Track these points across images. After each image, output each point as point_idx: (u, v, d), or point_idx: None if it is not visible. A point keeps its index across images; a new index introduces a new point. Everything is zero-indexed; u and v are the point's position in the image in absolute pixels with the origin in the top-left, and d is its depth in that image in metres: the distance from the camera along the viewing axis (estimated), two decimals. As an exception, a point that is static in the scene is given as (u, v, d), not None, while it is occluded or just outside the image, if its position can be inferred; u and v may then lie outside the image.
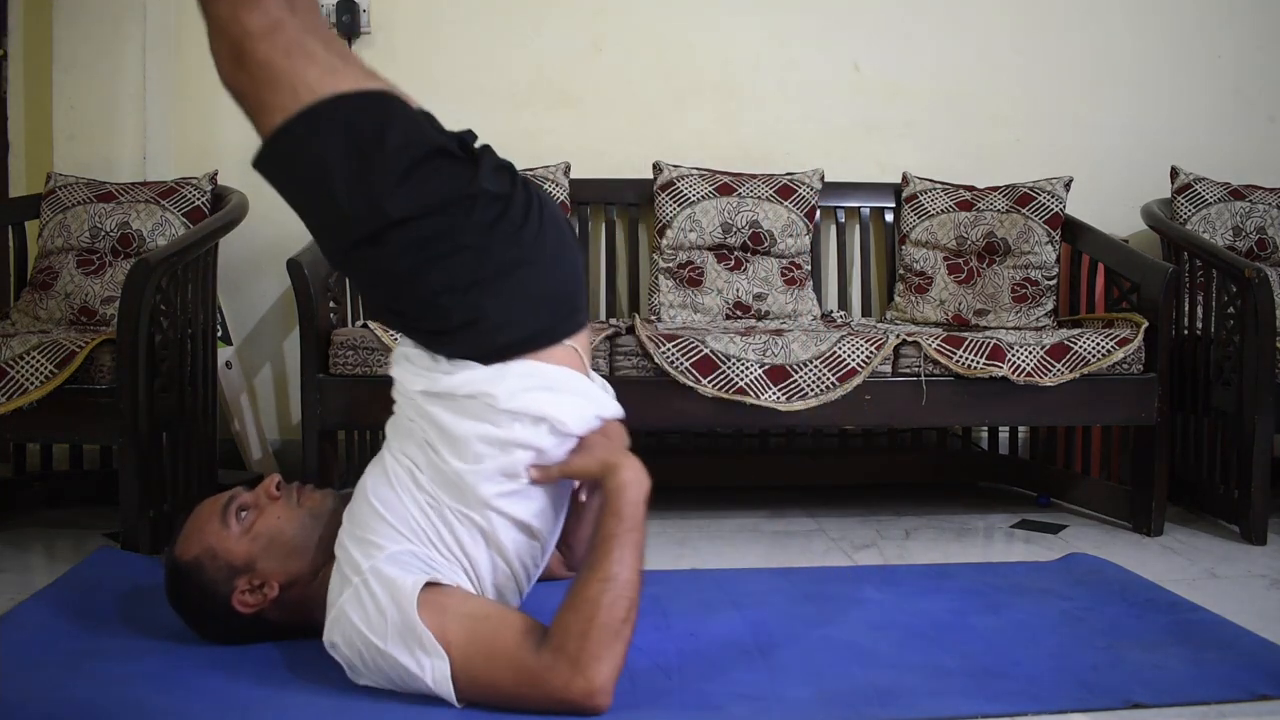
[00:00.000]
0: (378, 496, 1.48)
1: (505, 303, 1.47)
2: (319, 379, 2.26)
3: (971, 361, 2.33)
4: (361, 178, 1.41)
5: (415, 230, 1.43)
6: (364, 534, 1.46)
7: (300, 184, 1.48)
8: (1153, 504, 2.44)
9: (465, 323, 1.47)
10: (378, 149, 1.42)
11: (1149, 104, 3.20)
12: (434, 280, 1.45)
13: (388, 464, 1.51)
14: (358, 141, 1.42)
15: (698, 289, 2.81)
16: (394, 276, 1.46)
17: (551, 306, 1.52)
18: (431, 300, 1.46)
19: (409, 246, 1.44)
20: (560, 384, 1.51)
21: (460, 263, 1.45)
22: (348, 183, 1.41)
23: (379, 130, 1.42)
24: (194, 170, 2.87)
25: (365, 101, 1.45)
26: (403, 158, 1.42)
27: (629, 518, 1.43)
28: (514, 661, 1.35)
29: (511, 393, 1.46)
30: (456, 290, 1.46)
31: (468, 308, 1.46)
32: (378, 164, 1.41)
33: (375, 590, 1.39)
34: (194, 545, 1.56)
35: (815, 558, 2.28)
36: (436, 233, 1.44)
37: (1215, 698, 1.47)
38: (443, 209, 1.44)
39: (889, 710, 1.43)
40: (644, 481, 1.47)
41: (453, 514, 1.46)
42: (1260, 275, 2.39)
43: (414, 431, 1.51)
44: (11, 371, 2.13)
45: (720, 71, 3.11)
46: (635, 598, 1.39)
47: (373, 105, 1.45)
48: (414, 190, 1.42)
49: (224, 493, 1.62)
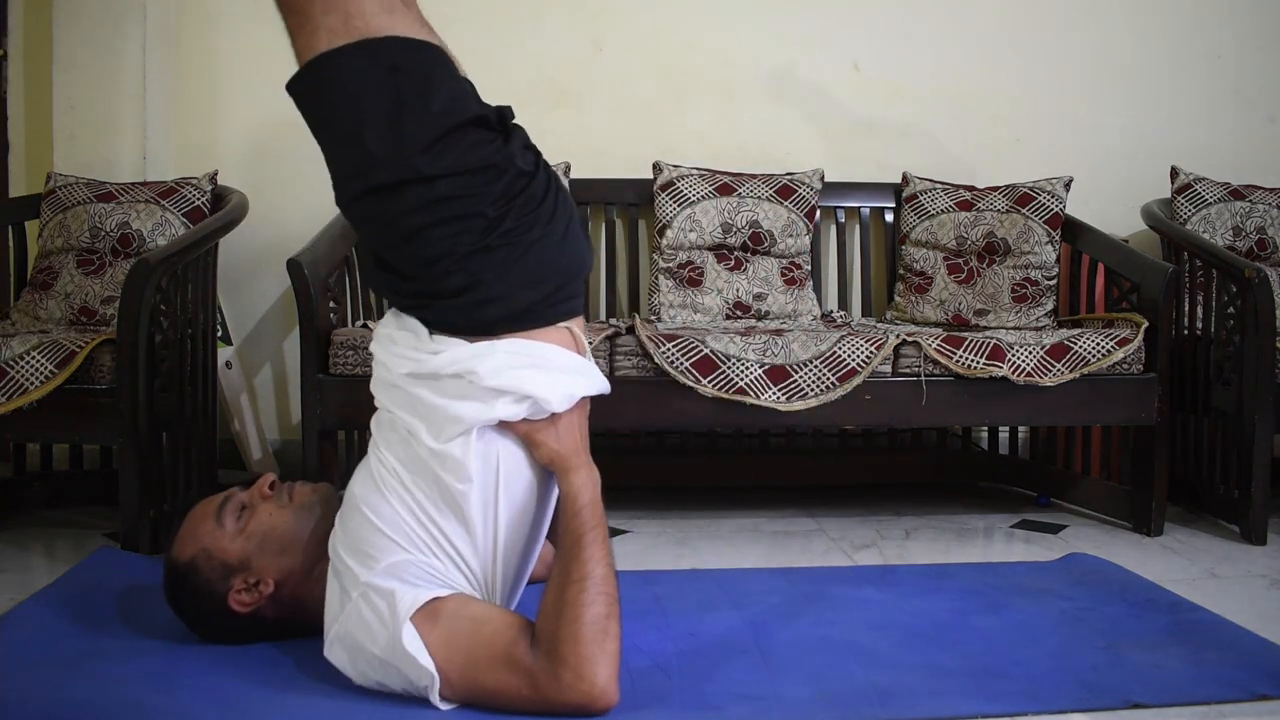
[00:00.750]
0: (368, 505, 1.47)
1: (504, 275, 1.46)
2: (319, 379, 2.26)
3: (971, 361, 2.33)
4: (397, 128, 1.40)
5: (435, 189, 1.42)
6: (359, 545, 1.45)
7: (333, 115, 1.46)
8: (1153, 504, 2.44)
9: (460, 289, 1.46)
10: (421, 106, 1.41)
11: (1149, 104, 3.20)
12: (440, 241, 1.44)
13: (373, 468, 1.51)
14: (402, 91, 1.41)
15: (698, 289, 2.81)
16: (402, 230, 1.45)
17: (549, 286, 1.51)
18: (433, 260, 1.45)
19: (425, 203, 1.42)
20: (547, 360, 1.50)
21: (470, 228, 1.44)
22: (381, 128, 1.41)
23: (426, 87, 1.42)
24: (194, 170, 2.87)
25: (419, 53, 1.44)
26: (443, 121, 1.42)
27: (590, 517, 1.44)
28: (516, 670, 1.35)
29: (495, 370, 1.45)
30: (459, 255, 1.44)
31: (466, 274, 1.45)
32: (418, 119, 1.41)
33: (375, 602, 1.39)
34: (189, 546, 1.57)
35: (815, 558, 2.28)
36: (455, 195, 1.43)
37: (1215, 698, 1.48)
38: (468, 174, 1.43)
39: (889, 710, 1.43)
40: (595, 481, 1.48)
41: (435, 507, 1.45)
42: (1260, 275, 2.39)
43: (396, 425, 1.50)
44: (11, 371, 2.13)
45: (720, 71, 3.11)
46: (614, 593, 1.40)
47: (425, 60, 1.45)
48: (446, 151, 1.42)
49: (218, 494, 1.63)
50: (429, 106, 1.42)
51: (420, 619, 1.37)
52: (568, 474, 1.47)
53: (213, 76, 3.01)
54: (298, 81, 1.46)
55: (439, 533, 1.46)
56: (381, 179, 1.42)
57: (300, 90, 1.47)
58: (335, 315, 2.40)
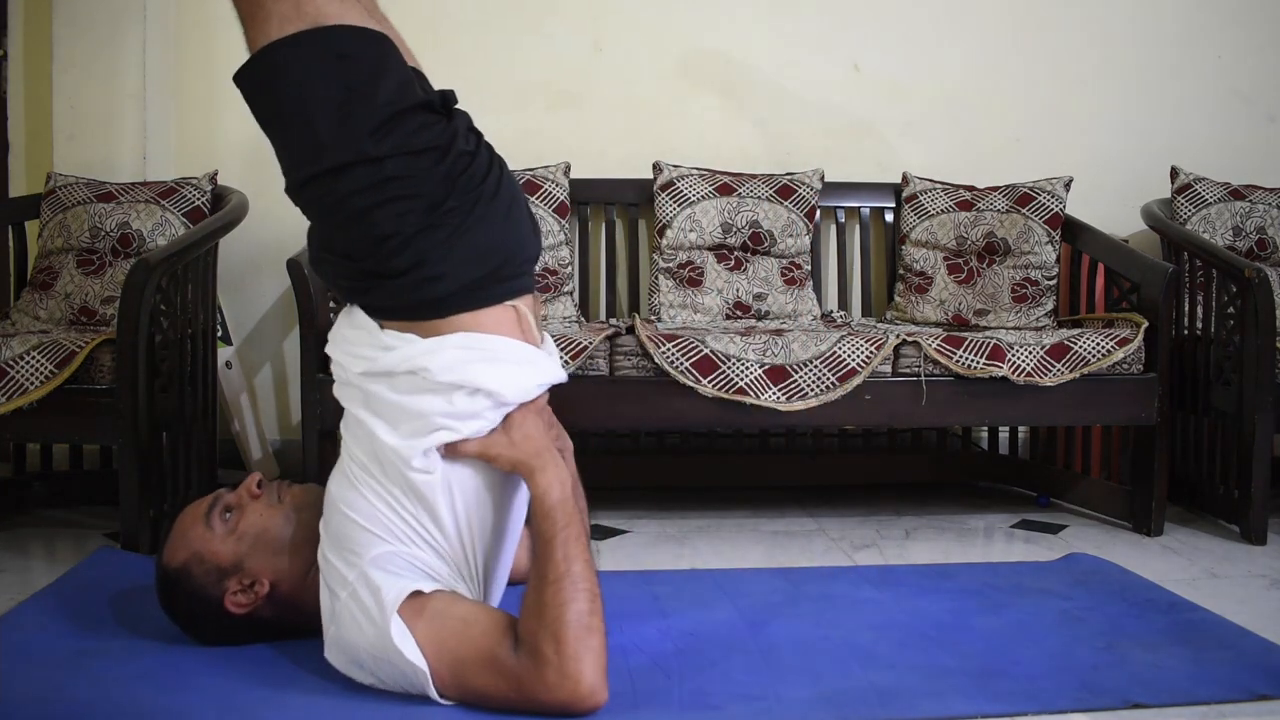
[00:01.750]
0: (345, 502, 1.48)
1: (447, 253, 1.47)
2: (319, 379, 2.26)
3: (971, 361, 2.33)
4: (346, 112, 1.43)
5: (382, 169, 1.44)
6: (341, 543, 1.46)
7: (283, 103, 1.47)
8: (1153, 504, 2.44)
9: (405, 268, 1.47)
10: (370, 91, 1.44)
11: (1149, 104, 3.20)
12: (387, 220, 1.45)
13: (345, 467, 1.52)
14: (351, 78, 1.44)
15: (698, 289, 2.81)
16: (349, 210, 1.46)
17: (494, 262, 1.51)
18: (380, 240, 1.46)
19: (373, 183, 1.44)
20: (499, 353, 1.50)
21: (415, 207, 1.46)
22: (330, 114, 1.43)
23: (374, 76, 1.45)
24: (194, 170, 2.87)
25: (367, 43, 1.47)
26: (390, 106, 1.45)
27: (560, 516, 1.44)
28: (501, 672, 1.35)
29: (447, 365, 1.46)
30: (406, 234, 1.46)
31: (413, 252, 1.46)
32: (366, 104, 1.44)
33: (363, 599, 1.40)
34: (180, 551, 1.57)
35: (815, 558, 2.28)
36: (401, 175, 1.45)
37: (1215, 698, 1.48)
38: (414, 154, 1.46)
39: (889, 710, 1.43)
40: (563, 480, 1.47)
41: (406, 496, 1.46)
42: (1260, 275, 2.39)
43: (360, 426, 1.51)
44: (11, 371, 2.13)
45: (720, 71, 3.11)
46: (594, 589, 1.39)
47: (373, 49, 1.48)
48: (393, 133, 1.44)
49: (206, 496, 1.63)
50: (377, 92, 1.45)
51: (408, 615, 1.37)
52: (532, 476, 1.47)
53: (213, 76, 3.00)
54: (248, 70, 1.48)
55: (414, 520, 1.46)
56: (331, 161, 1.44)
57: (250, 79, 1.48)
58: (335, 315, 2.40)
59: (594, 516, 2.54)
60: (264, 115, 1.50)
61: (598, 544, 2.34)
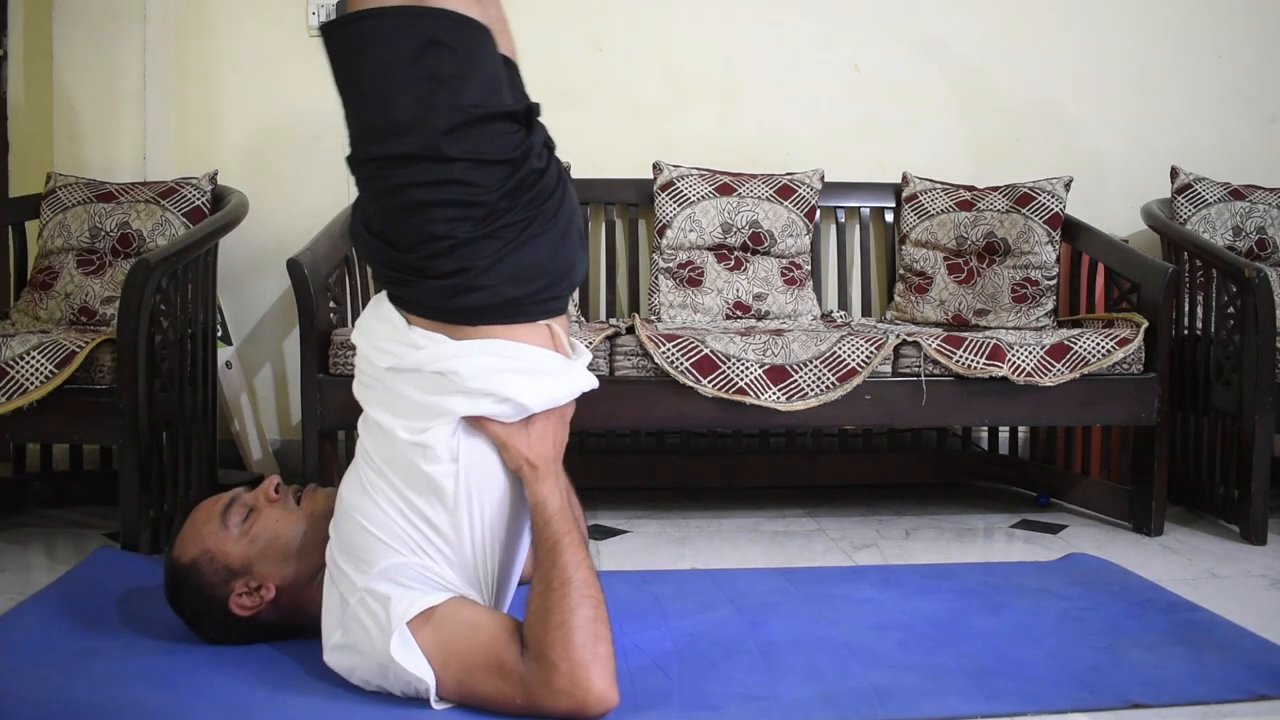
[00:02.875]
0: (359, 510, 1.47)
1: (493, 266, 1.45)
2: (319, 379, 2.26)
3: (971, 361, 2.33)
4: (427, 104, 1.40)
5: (450, 170, 1.41)
6: (353, 550, 1.45)
7: (362, 75, 1.44)
8: (1153, 504, 2.44)
9: (449, 272, 1.44)
10: (457, 87, 1.41)
11: (1149, 104, 3.20)
12: (441, 222, 1.43)
13: (361, 471, 1.51)
14: (441, 69, 1.40)
15: (698, 289, 2.81)
16: (406, 201, 1.43)
17: (536, 284, 1.50)
18: (430, 239, 1.43)
19: (437, 182, 1.41)
20: (531, 364, 1.49)
21: (473, 215, 1.43)
22: (411, 101, 1.40)
23: (464, 73, 1.42)
24: (194, 170, 2.87)
25: (466, 34, 1.44)
26: (471, 111, 1.42)
27: (560, 523, 1.43)
28: (508, 677, 1.35)
29: (478, 371, 1.45)
30: (457, 239, 1.43)
31: (458, 259, 1.44)
32: (450, 101, 1.40)
33: (372, 608, 1.39)
34: (191, 547, 1.56)
35: (815, 558, 2.28)
36: (467, 181, 1.42)
37: (1215, 698, 1.48)
38: (485, 164, 1.43)
39: (889, 710, 1.43)
40: (562, 490, 1.48)
41: (423, 499, 1.45)
42: (1260, 275, 2.39)
43: (380, 430, 1.49)
44: (11, 371, 2.13)
45: (720, 71, 3.11)
46: (598, 595, 1.39)
47: (469, 41, 1.44)
48: (469, 137, 1.41)
49: (223, 494, 1.62)
50: (463, 91, 1.41)
51: (416, 624, 1.37)
52: (536, 482, 1.46)
53: (213, 76, 3.00)
54: (336, 26, 1.44)
55: (429, 529, 1.45)
56: (400, 149, 1.41)
57: (338, 38, 1.44)
58: (335, 315, 2.40)
59: (594, 516, 2.55)
60: (342, 79, 1.46)
61: (597, 544, 2.34)
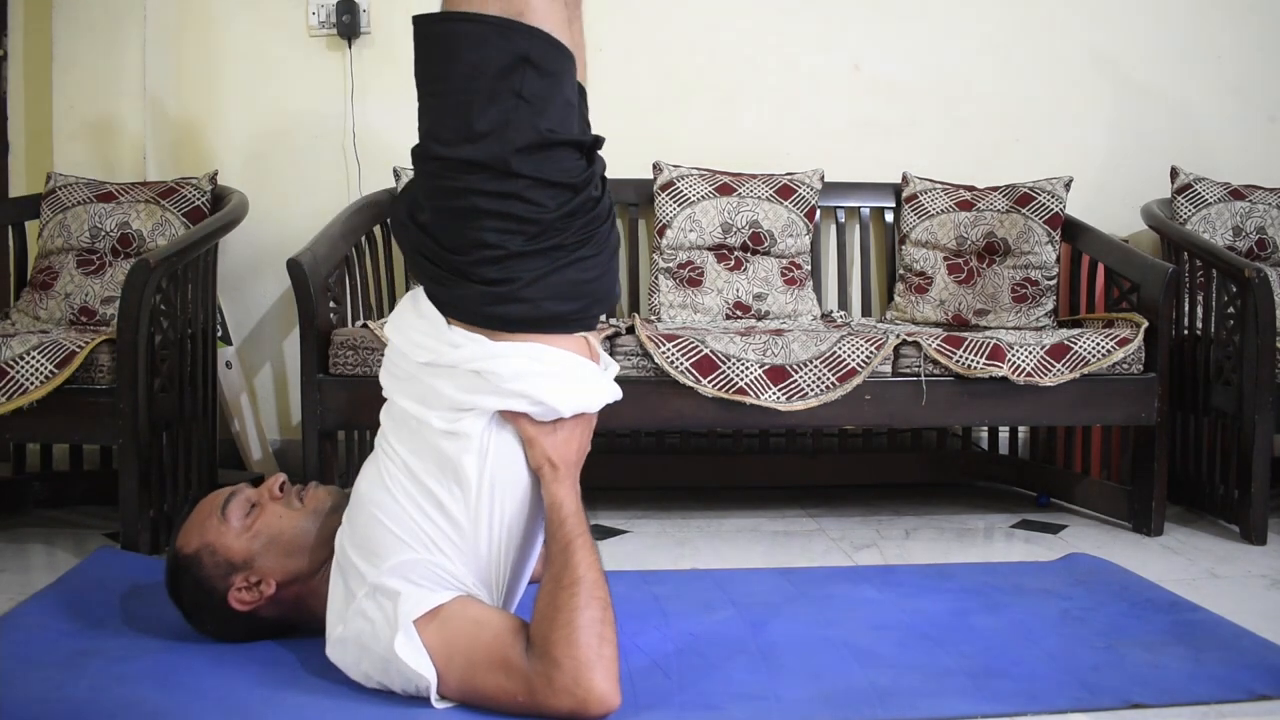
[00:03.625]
0: (375, 503, 1.47)
1: (539, 282, 1.48)
2: (319, 379, 2.26)
3: (971, 361, 2.33)
4: (506, 119, 1.43)
5: (514, 184, 1.44)
6: (366, 543, 1.45)
7: (447, 77, 1.46)
8: (1153, 504, 2.44)
9: (493, 280, 1.47)
10: (535, 111, 1.44)
11: (1149, 104, 3.20)
12: (493, 232, 1.45)
13: (381, 463, 1.51)
14: (526, 87, 1.44)
15: (698, 289, 2.81)
16: (463, 205, 1.46)
17: (577, 305, 1.53)
18: (479, 245, 1.46)
19: (498, 194, 1.44)
20: (567, 371, 1.52)
21: (527, 230, 1.46)
22: (491, 112, 1.43)
23: (546, 96, 1.45)
24: (194, 170, 2.88)
25: (555, 58, 1.47)
26: (547, 135, 1.45)
27: (574, 525, 1.45)
28: (512, 674, 1.35)
29: (517, 373, 1.47)
30: (507, 250, 1.46)
31: (504, 269, 1.46)
32: (529, 121, 1.44)
33: (381, 602, 1.40)
34: (194, 539, 1.57)
35: (815, 558, 2.28)
36: (527, 198, 1.45)
37: (1215, 698, 1.48)
38: (548, 185, 1.46)
39: (889, 710, 1.43)
40: (577, 493, 1.50)
41: (442, 486, 1.46)
42: (1260, 275, 2.39)
43: (406, 417, 1.50)
44: (11, 371, 2.13)
45: (720, 71, 3.11)
46: (606, 597, 1.40)
47: (557, 65, 1.48)
48: (538, 158, 1.45)
49: (227, 488, 1.63)
50: (544, 113, 1.45)
51: (422, 621, 1.37)
52: (555, 483, 1.48)
53: (213, 76, 3.00)
54: (433, 22, 1.47)
55: (446, 523, 1.45)
56: (471, 155, 1.44)
57: (430, 34, 1.47)
58: (335, 315, 2.40)
59: (594, 516, 2.55)
60: (428, 74, 1.49)
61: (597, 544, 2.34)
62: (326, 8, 2.98)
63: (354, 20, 2.97)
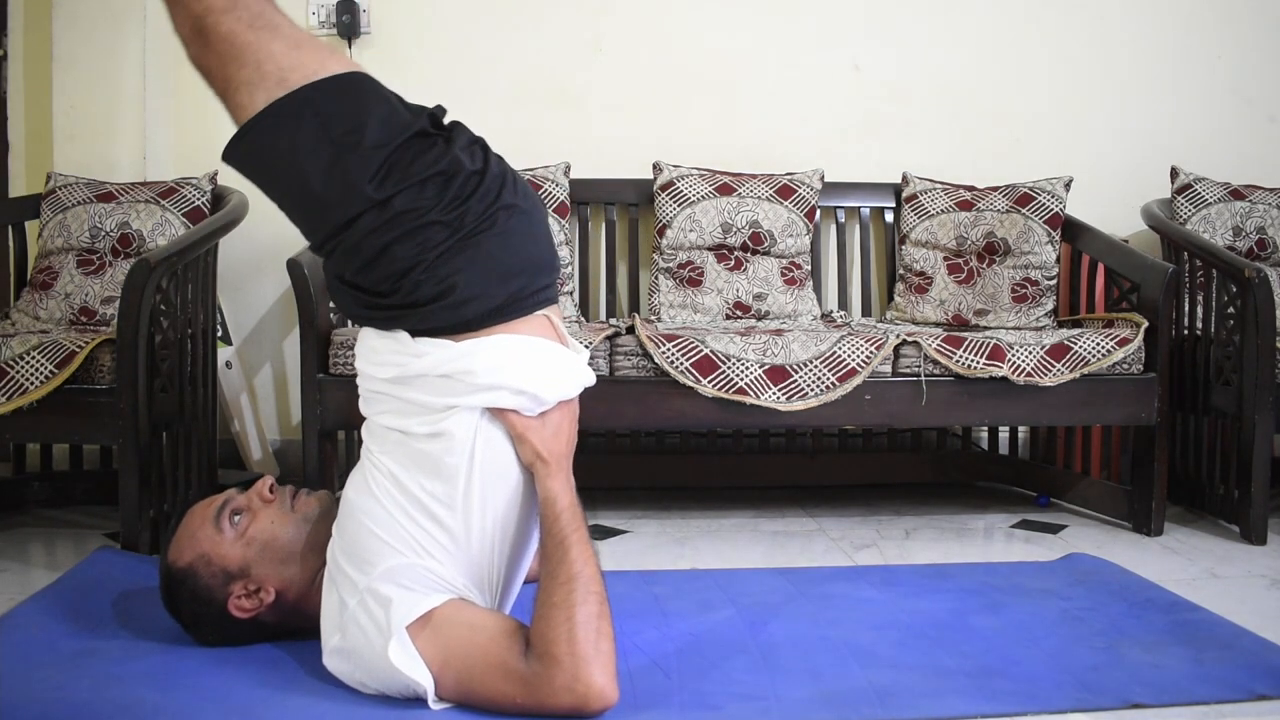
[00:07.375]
0: (363, 510, 1.47)
1: (475, 274, 1.47)
2: (319, 379, 2.26)
3: (971, 361, 2.33)
4: (341, 168, 1.44)
5: (390, 208, 1.44)
6: (356, 550, 1.45)
7: (275, 179, 1.50)
8: (1153, 504, 2.44)
9: (435, 295, 1.46)
10: (356, 143, 1.44)
11: (1149, 104, 3.20)
12: (406, 255, 1.45)
13: (367, 472, 1.51)
14: (334, 133, 1.44)
15: (698, 289, 2.81)
16: (367, 252, 1.46)
17: (522, 279, 1.52)
18: (403, 273, 1.46)
19: (383, 223, 1.44)
20: (540, 354, 1.52)
21: (432, 234, 1.46)
22: (325, 174, 1.44)
23: (356, 126, 1.45)
24: (194, 170, 2.87)
25: (338, 93, 1.47)
26: (381, 152, 1.45)
27: (569, 520, 1.45)
28: (510, 676, 1.35)
29: (491, 366, 1.46)
30: (427, 262, 1.45)
31: (438, 280, 1.46)
32: (359, 155, 1.44)
33: (373, 609, 1.39)
34: (187, 551, 1.56)
35: (815, 558, 2.28)
36: (410, 208, 1.45)
37: (1215, 698, 1.48)
38: (419, 184, 1.46)
39: (889, 710, 1.43)
40: (571, 486, 1.49)
41: (430, 494, 1.45)
42: (1260, 275, 2.39)
43: (388, 435, 1.50)
44: (11, 371, 2.13)
45: (720, 71, 3.11)
46: (603, 593, 1.40)
47: (347, 94, 1.47)
48: (393, 172, 1.45)
49: (216, 496, 1.62)
50: (363, 140, 1.44)
51: (415, 627, 1.37)
52: (548, 478, 1.48)
53: (213, 76, 3.00)
54: (233, 154, 1.50)
55: (435, 527, 1.45)
56: (341, 217, 1.45)
57: (238, 159, 1.51)
58: (335, 315, 2.40)
59: (594, 516, 2.55)
60: (264, 188, 1.53)
61: (597, 544, 2.34)
62: (326, 8, 2.98)
63: (354, 20, 2.97)
